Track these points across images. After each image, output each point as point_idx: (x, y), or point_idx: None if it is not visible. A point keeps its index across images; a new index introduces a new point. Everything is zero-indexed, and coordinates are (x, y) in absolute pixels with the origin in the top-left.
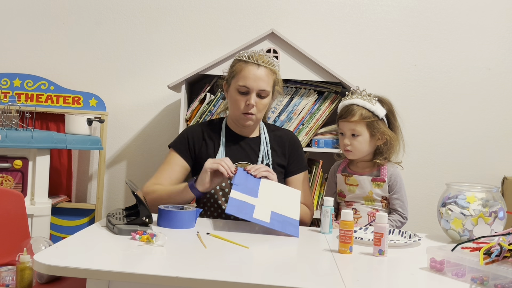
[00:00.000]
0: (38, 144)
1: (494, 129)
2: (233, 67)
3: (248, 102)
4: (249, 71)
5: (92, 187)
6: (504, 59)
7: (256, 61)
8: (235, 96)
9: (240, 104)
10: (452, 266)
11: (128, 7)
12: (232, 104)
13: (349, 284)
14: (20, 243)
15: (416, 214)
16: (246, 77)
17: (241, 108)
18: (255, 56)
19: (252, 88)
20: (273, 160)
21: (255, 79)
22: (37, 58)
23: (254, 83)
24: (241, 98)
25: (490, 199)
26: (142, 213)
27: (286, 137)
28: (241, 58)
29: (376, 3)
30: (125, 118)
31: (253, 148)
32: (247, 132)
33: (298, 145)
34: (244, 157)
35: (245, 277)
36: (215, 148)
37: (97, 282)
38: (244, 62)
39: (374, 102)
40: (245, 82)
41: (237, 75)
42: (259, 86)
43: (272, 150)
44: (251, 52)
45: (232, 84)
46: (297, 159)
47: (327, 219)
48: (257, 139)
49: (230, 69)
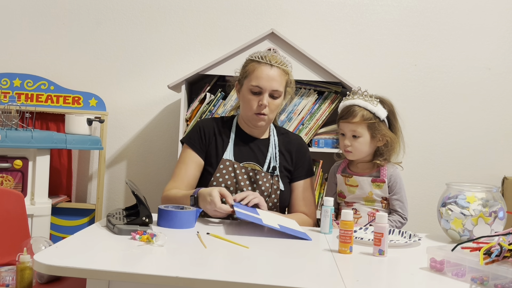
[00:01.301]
0: (38, 144)
1: (494, 129)
2: (246, 67)
3: (261, 102)
4: (262, 71)
5: (92, 187)
6: (504, 59)
7: (269, 62)
8: (247, 96)
9: (252, 104)
10: (452, 266)
11: (128, 7)
12: (244, 104)
13: (349, 284)
14: (20, 243)
15: (416, 214)
16: (259, 77)
17: (253, 108)
18: (268, 57)
19: (265, 88)
20: (280, 163)
21: (268, 79)
22: (37, 58)
23: (267, 83)
24: (254, 98)
25: (490, 199)
26: (142, 213)
27: (295, 142)
28: (254, 58)
29: (376, 3)
30: (125, 118)
31: (261, 149)
32: (257, 133)
33: (306, 151)
34: (252, 157)
35: (245, 277)
36: (224, 145)
37: (97, 282)
38: (257, 62)
39: (376, 103)
40: (258, 82)
41: (250, 75)
42: (272, 86)
43: (280, 153)
44: (264, 53)
45: (245, 84)
46: (303, 164)
47: (327, 219)
48: (266, 140)
49: (242, 69)
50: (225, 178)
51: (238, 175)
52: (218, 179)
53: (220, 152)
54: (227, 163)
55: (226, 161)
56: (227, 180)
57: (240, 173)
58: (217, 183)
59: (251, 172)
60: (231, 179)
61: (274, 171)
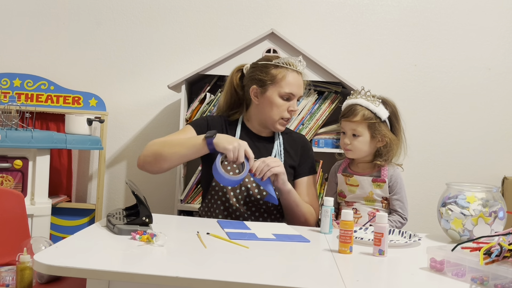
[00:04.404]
0: (38, 144)
1: (494, 129)
2: (270, 72)
3: (292, 108)
4: (293, 78)
5: (92, 187)
6: (504, 59)
7: (296, 68)
8: (276, 101)
9: (282, 109)
10: (452, 266)
11: (128, 7)
12: (271, 109)
13: (349, 284)
14: (20, 243)
15: (416, 214)
16: (292, 84)
17: (283, 114)
18: (295, 64)
19: (297, 95)
20: (285, 161)
21: (299, 86)
22: (37, 58)
23: (299, 90)
24: (284, 103)
25: (490, 199)
26: (142, 213)
27: (299, 140)
28: (281, 64)
29: (376, 3)
30: (125, 118)
31: (266, 147)
32: (265, 132)
33: (310, 148)
34: (256, 155)
35: (245, 277)
36: None
37: (97, 282)
38: (285, 69)
39: (378, 103)
40: (291, 89)
41: (280, 82)
42: (301, 93)
43: (285, 151)
44: (287, 59)
45: (272, 89)
46: (307, 161)
47: (327, 219)
48: (271, 139)
49: (265, 75)
50: None
51: None
52: None
53: None
54: None
55: None
56: None
57: None
58: None
59: None
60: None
61: None
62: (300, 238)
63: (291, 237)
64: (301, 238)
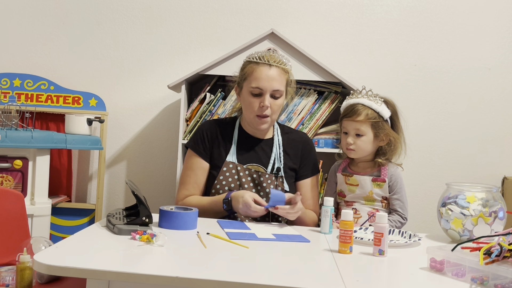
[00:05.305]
0: (38, 144)
1: (494, 129)
2: (244, 69)
3: (262, 104)
4: (261, 71)
5: (92, 187)
6: (504, 59)
7: (268, 61)
8: (248, 99)
9: (254, 106)
10: (452, 266)
11: (128, 7)
12: (246, 107)
13: (349, 284)
14: (20, 243)
15: (416, 214)
16: (258, 78)
17: (255, 111)
18: (266, 56)
19: (266, 89)
20: (285, 164)
21: (268, 80)
22: (37, 58)
23: (267, 83)
24: (255, 100)
25: (490, 199)
26: (142, 213)
27: (300, 140)
28: (252, 60)
29: (376, 3)
30: (125, 118)
31: (265, 150)
32: (261, 133)
33: (311, 148)
34: (255, 159)
35: (245, 277)
36: (227, 147)
37: (97, 282)
38: (255, 63)
39: (380, 103)
40: (258, 84)
41: (249, 77)
42: (273, 86)
43: (284, 153)
44: (261, 53)
45: (244, 86)
46: (309, 163)
47: (327, 219)
48: (269, 141)
49: (240, 72)
50: (229, 181)
51: (242, 178)
52: (222, 182)
53: (224, 154)
54: (230, 166)
55: (229, 163)
56: (230, 183)
57: (243, 175)
58: (221, 186)
59: (254, 174)
60: (234, 182)
61: (279, 172)
62: (300, 238)
63: (291, 237)
64: (301, 238)
